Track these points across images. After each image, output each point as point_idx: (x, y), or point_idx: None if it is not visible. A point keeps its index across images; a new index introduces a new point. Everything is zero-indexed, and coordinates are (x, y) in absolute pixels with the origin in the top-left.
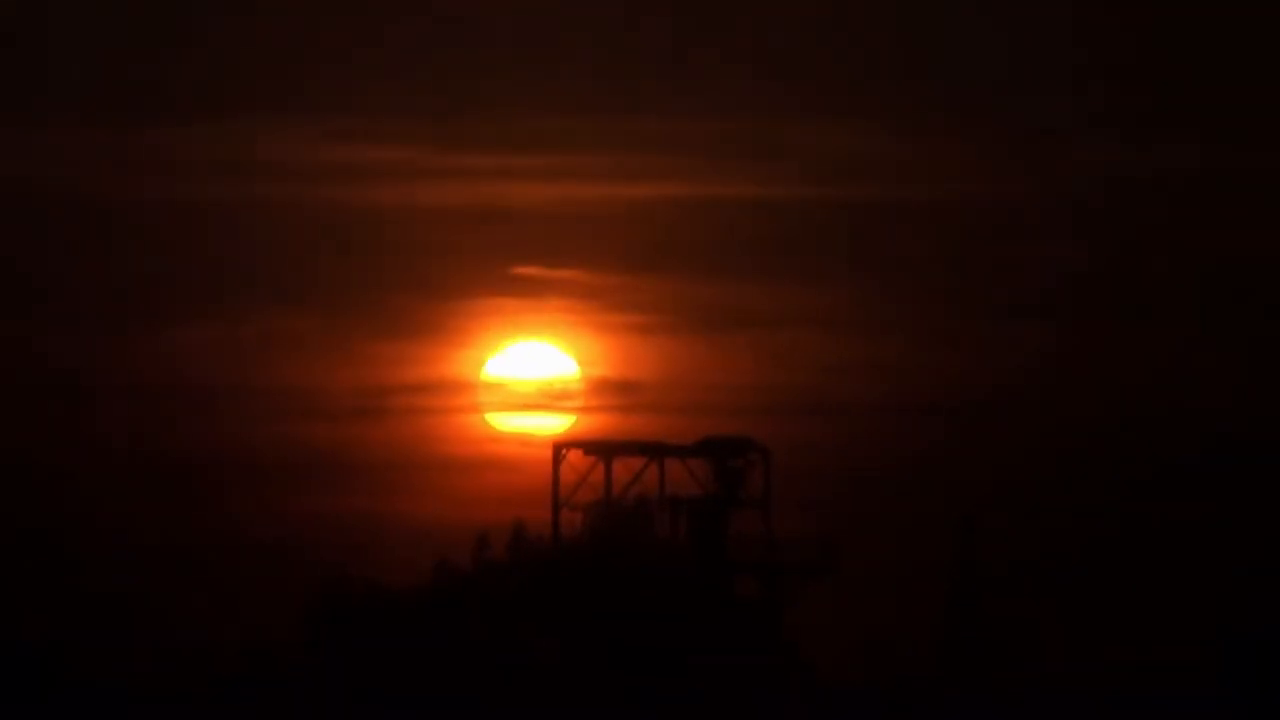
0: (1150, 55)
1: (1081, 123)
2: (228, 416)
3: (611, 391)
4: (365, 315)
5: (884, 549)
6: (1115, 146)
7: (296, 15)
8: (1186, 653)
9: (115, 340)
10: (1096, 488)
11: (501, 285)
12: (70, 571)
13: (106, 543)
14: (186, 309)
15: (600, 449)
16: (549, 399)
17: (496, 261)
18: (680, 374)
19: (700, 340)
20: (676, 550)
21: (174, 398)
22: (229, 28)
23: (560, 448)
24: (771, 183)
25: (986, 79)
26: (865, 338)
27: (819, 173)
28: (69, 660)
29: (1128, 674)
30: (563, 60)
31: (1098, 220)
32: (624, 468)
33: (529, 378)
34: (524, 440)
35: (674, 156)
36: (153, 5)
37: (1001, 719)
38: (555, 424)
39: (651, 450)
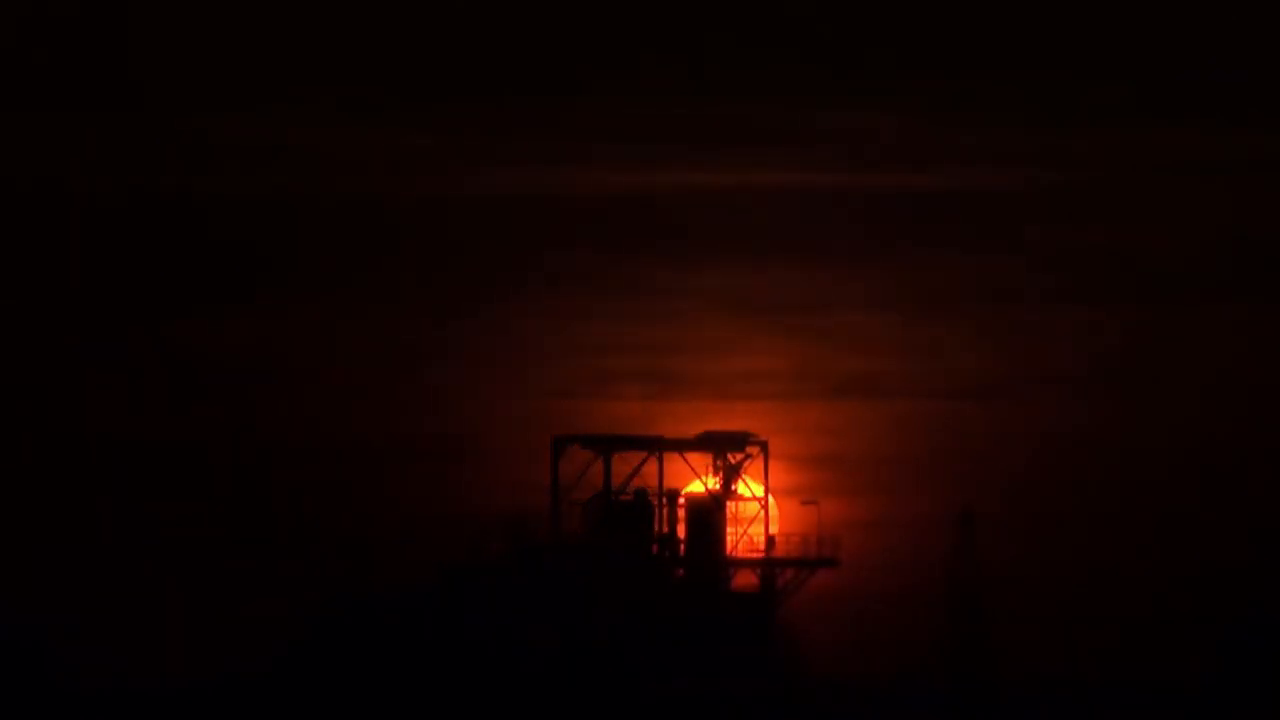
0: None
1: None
2: (265, 406)
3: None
4: (401, 302)
5: (887, 541)
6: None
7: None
8: (1186, 651)
9: (135, 330)
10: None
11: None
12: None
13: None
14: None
15: (599, 443)
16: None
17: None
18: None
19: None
20: (675, 544)
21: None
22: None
23: (559, 441)
24: (812, 169)
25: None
26: (906, 321)
27: (861, 159)
28: (68, 654)
29: (1127, 673)
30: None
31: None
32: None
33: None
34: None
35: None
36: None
37: (1001, 718)
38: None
39: (651, 444)
